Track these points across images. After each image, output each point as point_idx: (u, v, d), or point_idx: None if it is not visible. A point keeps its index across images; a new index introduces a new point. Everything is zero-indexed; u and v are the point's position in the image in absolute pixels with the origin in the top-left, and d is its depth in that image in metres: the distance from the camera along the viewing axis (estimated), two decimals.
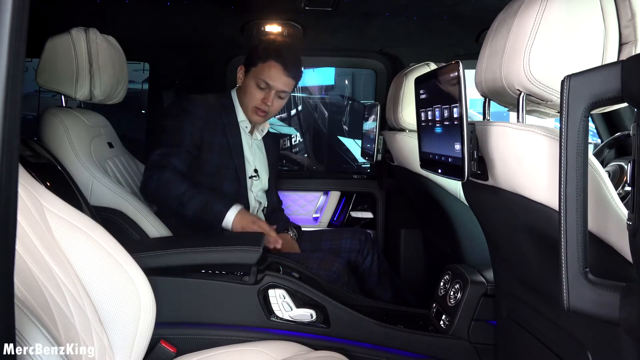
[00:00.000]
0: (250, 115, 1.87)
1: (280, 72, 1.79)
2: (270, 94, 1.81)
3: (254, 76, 1.81)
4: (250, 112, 1.86)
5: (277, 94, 1.83)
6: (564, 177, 0.69)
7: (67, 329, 0.82)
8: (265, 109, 1.83)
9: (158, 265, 1.37)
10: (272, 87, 1.80)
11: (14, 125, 0.46)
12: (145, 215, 1.70)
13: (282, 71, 1.79)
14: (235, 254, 1.43)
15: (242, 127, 1.91)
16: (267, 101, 1.81)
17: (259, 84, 1.80)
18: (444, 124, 1.09)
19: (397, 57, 2.46)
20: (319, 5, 1.92)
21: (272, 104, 1.83)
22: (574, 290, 0.69)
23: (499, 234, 1.20)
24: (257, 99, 1.82)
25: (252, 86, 1.82)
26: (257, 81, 1.80)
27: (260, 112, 1.85)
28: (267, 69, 1.79)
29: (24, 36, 0.46)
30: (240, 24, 2.16)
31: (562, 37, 0.86)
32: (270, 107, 1.84)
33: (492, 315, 1.40)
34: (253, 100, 1.83)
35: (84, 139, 1.72)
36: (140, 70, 3.69)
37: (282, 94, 1.84)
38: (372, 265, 2.00)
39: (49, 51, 1.66)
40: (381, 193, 2.58)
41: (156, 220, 1.73)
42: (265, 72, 1.79)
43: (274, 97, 1.82)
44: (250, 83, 1.82)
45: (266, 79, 1.79)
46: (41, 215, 0.92)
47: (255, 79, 1.81)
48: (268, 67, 1.79)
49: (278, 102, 1.86)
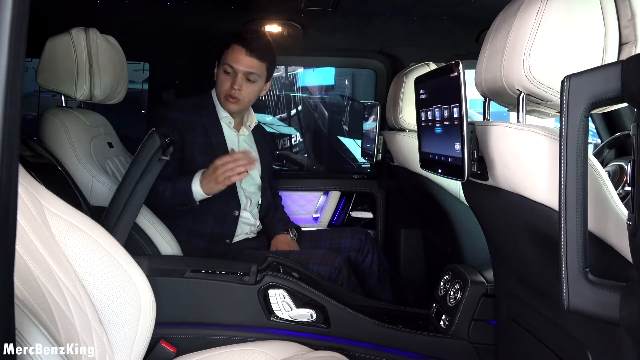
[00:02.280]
0: (224, 105, 1.86)
1: (242, 53, 1.78)
2: (237, 78, 1.79)
3: (221, 64, 1.82)
4: (224, 101, 1.85)
5: (245, 76, 1.80)
6: (564, 177, 0.69)
7: (67, 329, 0.82)
8: (234, 94, 1.80)
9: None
10: (236, 69, 1.78)
11: (14, 125, 0.46)
12: (144, 214, 1.69)
13: (245, 52, 1.77)
14: (142, 154, 1.45)
15: (224, 123, 1.89)
16: (234, 85, 1.79)
17: (225, 69, 1.80)
18: (444, 124, 1.09)
19: (397, 57, 2.46)
20: (319, 5, 1.92)
21: (242, 88, 1.80)
22: (574, 290, 0.69)
23: (499, 234, 1.20)
24: (226, 85, 1.81)
25: (221, 74, 1.82)
26: (224, 67, 1.80)
27: (231, 99, 1.82)
28: (230, 52, 1.79)
29: (24, 36, 0.46)
30: (240, 24, 2.16)
31: (562, 37, 0.86)
32: (241, 92, 1.81)
33: (492, 315, 1.40)
34: (223, 88, 1.82)
35: (84, 139, 1.72)
36: (140, 70, 3.69)
37: (250, 76, 1.80)
38: (372, 264, 2.00)
39: (49, 51, 1.66)
40: (381, 193, 2.58)
41: (154, 218, 1.73)
42: (229, 56, 1.79)
43: (242, 80, 1.80)
44: (219, 72, 1.83)
45: (229, 61, 1.79)
46: (41, 215, 0.92)
47: (222, 66, 1.81)
48: (231, 50, 1.79)
49: (248, 86, 1.82)
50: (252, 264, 1.50)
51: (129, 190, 1.44)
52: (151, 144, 1.43)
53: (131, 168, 1.44)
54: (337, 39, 2.39)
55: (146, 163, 1.43)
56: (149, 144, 1.43)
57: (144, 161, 1.43)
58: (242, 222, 1.90)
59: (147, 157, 1.43)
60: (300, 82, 4.92)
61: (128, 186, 1.44)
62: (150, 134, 1.44)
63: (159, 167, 1.49)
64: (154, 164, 1.45)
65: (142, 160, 1.43)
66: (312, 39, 2.32)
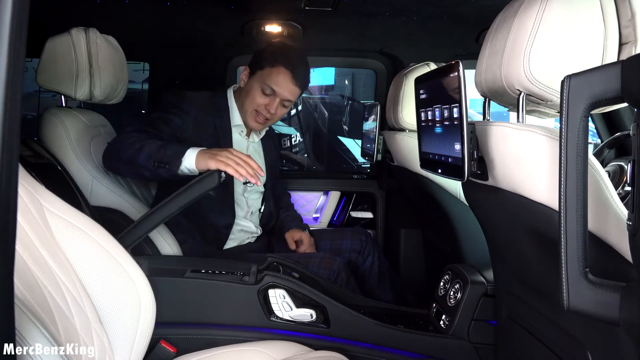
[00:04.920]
0: (248, 120, 1.79)
1: (288, 80, 1.71)
2: (275, 101, 1.72)
3: (260, 80, 1.72)
4: (249, 116, 1.77)
5: (282, 102, 1.74)
6: (564, 177, 0.69)
7: (67, 329, 0.82)
8: (267, 116, 1.75)
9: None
10: (278, 94, 1.72)
11: (14, 125, 0.46)
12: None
13: (291, 79, 1.71)
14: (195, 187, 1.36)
15: (236, 131, 1.83)
16: (270, 108, 1.73)
17: (264, 89, 1.71)
18: (444, 124, 1.09)
19: (397, 57, 2.46)
20: (319, 5, 1.92)
21: (276, 111, 1.75)
22: (574, 290, 0.69)
23: (499, 234, 1.20)
24: (260, 104, 1.73)
25: (257, 90, 1.73)
26: (263, 86, 1.71)
27: (260, 119, 1.76)
28: (275, 74, 1.70)
29: (24, 36, 0.46)
30: (240, 24, 2.16)
31: (562, 37, 0.86)
32: (273, 115, 1.76)
33: (492, 315, 1.40)
34: (255, 105, 1.74)
35: (84, 139, 1.72)
36: (140, 70, 3.69)
37: (286, 102, 1.76)
38: (372, 265, 1.99)
39: (49, 51, 1.66)
40: (381, 193, 2.58)
41: None
42: (273, 78, 1.70)
43: (278, 104, 1.74)
44: (254, 86, 1.73)
45: (273, 85, 1.70)
46: (41, 215, 0.92)
47: (260, 83, 1.72)
48: (277, 72, 1.70)
49: (281, 111, 1.77)
50: (252, 264, 1.50)
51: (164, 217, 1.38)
52: (209, 183, 1.35)
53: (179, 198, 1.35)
54: (337, 39, 2.39)
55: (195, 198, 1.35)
56: (208, 182, 1.35)
57: (193, 195, 1.35)
58: (242, 231, 1.89)
59: (200, 193, 1.35)
60: None
61: (164, 214, 1.37)
62: (211, 173, 1.37)
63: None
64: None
65: (193, 194, 1.34)
66: (312, 39, 2.32)
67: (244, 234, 1.90)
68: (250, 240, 1.93)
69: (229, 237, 1.85)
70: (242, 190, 1.87)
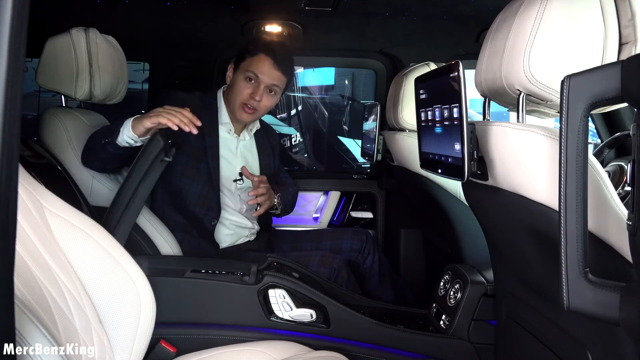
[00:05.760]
0: (237, 113, 1.79)
1: (269, 65, 1.73)
2: (259, 88, 1.74)
3: (243, 70, 1.75)
4: (238, 109, 1.77)
5: (267, 88, 1.76)
6: (564, 177, 0.69)
7: (67, 329, 0.82)
8: (253, 104, 1.75)
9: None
10: (261, 80, 1.74)
11: (14, 125, 0.46)
12: (144, 214, 1.69)
13: (272, 64, 1.73)
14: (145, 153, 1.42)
15: (224, 129, 1.84)
16: (255, 95, 1.73)
17: (247, 76, 1.74)
18: (444, 124, 1.09)
19: (397, 57, 2.46)
20: (319, 5, 1.92)
21: (261, 99, 1.75)
22: (574, 290, 0.69)
23: (499, 234, 1.20)
24: (246, 93, 1.75)
25: (241, 80, 1.75)
26: (246, 74, 1.74)
27: (247, 109, 1.76)
28: (256, 61, 1.74)
29: (24, 36, 0.46)
30: (240, 24, 2.16)
31: (562, 37, 0.86)
32: (260, 103, 1.76)
33: (492, 315, 1.40)
34: (241, 96, 1.75)
35: (84, 139, 1.71)
36: (140, 70, 3.69)
37: (272, 88, 1.77)
38: (372, 265, 1.99)
39: (49, 51, 1.66)
40: (381, 193, 2.58)
41: (154, 218, 1.73)
42: (254, 64, 1.73)
43: (263, 91, 1.75)
44: (238, 78, 1.76)
45: (255, 70, 1.73)
46: (41, 215, 0.92)
47: (243, 73, 1.75)
48: (257, 59, 1.73)
49: (267, 99, 1.78)
50: (252, 264, 1.50)
51: (131, 191, 1.43)
52: (154, 146, 1.42)
53: (134, 169, 1.43)
54: (337, 39, 2.39)
55: (149, 164, 1.42)
56: (152, 145, 1.42)
57: (146, 162, 1.42)
58: (239, 227, 1.89)
59: (150, 158, 1.42)
60: (300, 82, 4.92)
61: (130, 187, 1.43)
62: (153, 136, 1.44)
63: (161, 168, 1.48)
64: (156, 165, 1.45)
65: (145, 161, 1.42)
66: (312, 39, 2.32)
67: (242, 230, 1.90)
68: (249, 238, 1.93)
69: (221, 232, 1.84)
70: (233, 188, 1.86)
